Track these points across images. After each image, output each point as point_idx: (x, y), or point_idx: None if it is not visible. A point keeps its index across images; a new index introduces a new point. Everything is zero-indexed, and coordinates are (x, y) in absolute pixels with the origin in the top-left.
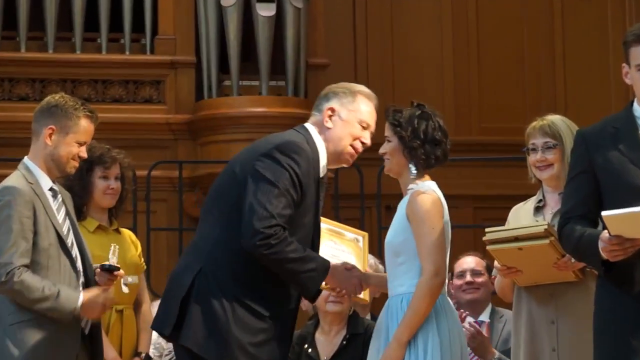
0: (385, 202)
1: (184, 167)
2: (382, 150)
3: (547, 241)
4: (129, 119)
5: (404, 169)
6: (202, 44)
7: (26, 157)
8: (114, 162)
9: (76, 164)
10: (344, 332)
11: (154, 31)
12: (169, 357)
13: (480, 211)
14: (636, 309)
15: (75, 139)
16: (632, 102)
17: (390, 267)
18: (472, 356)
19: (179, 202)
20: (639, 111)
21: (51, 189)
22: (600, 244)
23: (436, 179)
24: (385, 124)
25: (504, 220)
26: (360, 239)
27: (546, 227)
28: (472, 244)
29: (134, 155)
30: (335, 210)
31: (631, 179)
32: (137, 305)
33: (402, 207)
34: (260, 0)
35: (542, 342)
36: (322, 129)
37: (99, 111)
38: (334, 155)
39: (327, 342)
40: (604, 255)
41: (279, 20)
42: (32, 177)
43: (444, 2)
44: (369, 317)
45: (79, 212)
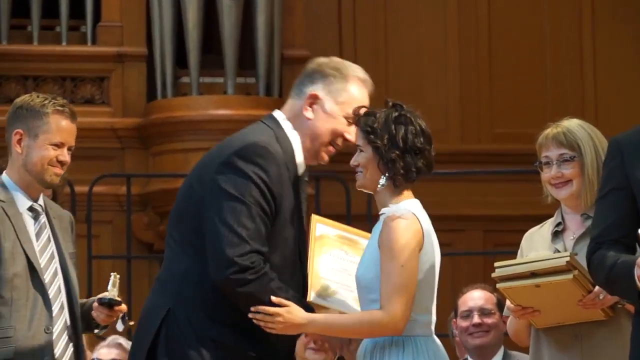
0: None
1: (133, 182)
2: (353, 161)
3: (570, 276)
4: None
5: (376, 184)
6: (155, 33)
7: (4, 172)
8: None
9: (57, 170)
10: None
11: (97, 17)
12: None
13: (491, 235)
14: None
15: (47, 140)
16: None
17: (363, 305)
18: None
19: (127, 224)
20: None
21: (31, 209)
22: (636, 271)
23: (436, 196)
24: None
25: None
26: None
27: (568, 258)
28: (482, 274)
29: (71, 167)
30: None
31: None
32: None
33: (374, 234)
34: None
35: None
36: (299, 118)
37: None
38: (309, 152)
39: None
40: None
41: (248, 4)
42: (6, 194)
43: None
44: None
45: None
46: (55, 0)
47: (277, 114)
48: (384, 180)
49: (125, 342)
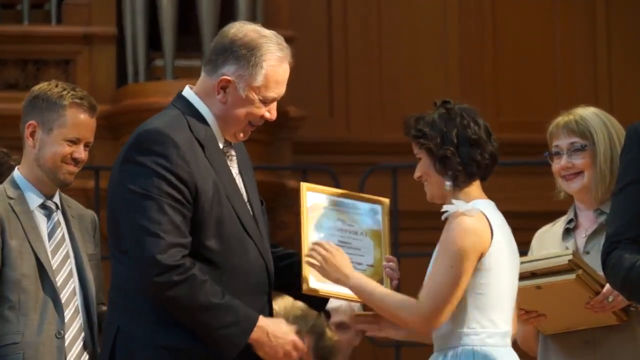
0: None
1: (101, 175)
2: (416, 174)
3: (572, 276)
4: None
5: (443, 189)
6: (126, 11)
7: (17, 168)
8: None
9: (71, 168)
10: None
11: None
12: None
13: None
14: None
15: (62, 135)
16: None
17: None
18: None
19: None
20: None
21: (44, 206)
22: None
23: None
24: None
25: (529, 245)
26: (378, 209)
27: (571, 257)
28: None
29: None
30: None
31: None
32: None
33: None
34: None
35: None
36: (211, 97)
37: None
38: (226, 134)
39: None
40: None
41: None
42: (15, 191)
43: None
44: None
45: None
46: None
47: (187, 92)
48: (448, 182)
49: None
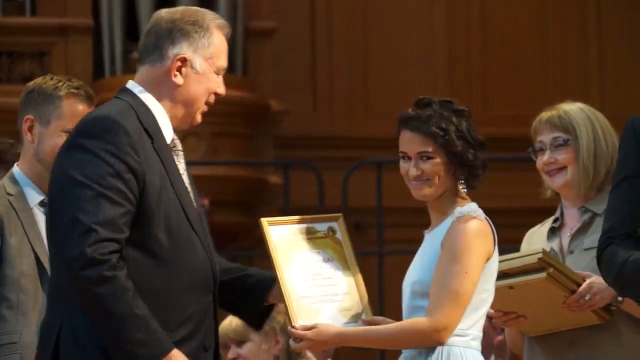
0: (353, 218)
1: None
2: (415, 172)
3: (543, 275)
4: (2, 104)
5: (447, 190)
6: (102, 2)
7: (16, 164)
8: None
9: None
10: None
11: None
12: None
13: None
14: None
15: (60, 126)
16: None
17: (411, 311)
18: None
19: None
20: None
21: (43, 203)
22: None
23: None
24: (406, 132)
25: (515, 243)
26: (335, 227)
27: (540, 255)
28: None
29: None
30: None
31: None
32: None
33: (436, 239)
34: None
35: None
36: (164, 85)
37: (4, 94)
38: (184, 119)
39: None
40: None
41: None
42: (15, 187)
43: None
44: None
45: None
46: None
47: (132, 85)
48: (464, 187)
49: None
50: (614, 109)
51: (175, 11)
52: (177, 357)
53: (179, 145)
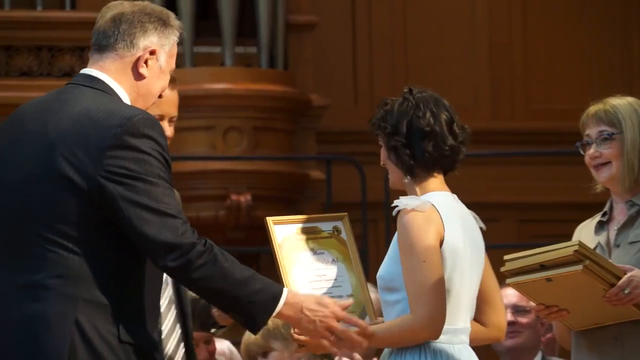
0: None
1: None
2: (381, 161)
3: (579, 267)
4: None
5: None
6: None
7: None
8: None
9: None
10: None
11: None
12: None
13: (527, 225)
14: None
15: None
16: None
17: (383, 307)
18: None
19: None
20: None
21: None
22: None
23: (463, 181)
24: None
25: (562, 238)
26: (340, 226)
27: (577, 247)
28: None
29: None
30: None
31: None
32: None
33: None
34: None
35: None
36: (130, 76)
37: (44, 88)
38: None
39: None
40: None
41: None
42: None
43: None
44: None
45: None
46: None
47: (100, 75)
48: (407, 177)
49: None
50: None
51: (139, 4)
52: (291, 293)
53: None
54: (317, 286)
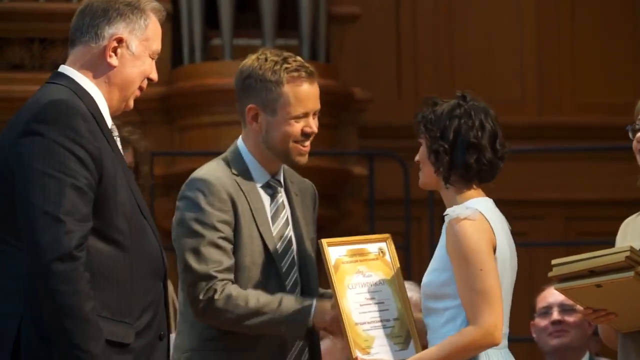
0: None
1: (155, 161)
2: (416, 157)
3: (631, 274)
4: None
5: (438, 181)
6: None
7: (240, 138)
8: (123, 146)
9: (303, 149)
10: None
11: None
12: None
13: (575, 223)
14: None
15: (288, 114)
16: None
17: (427, 316)
18: None
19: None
20: None
21: (268, 185)
22: None
23: (509, 178)
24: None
25: (609, 235)
26: (385, 248)
27: (628, 253)
28: None
29: None
30: (369, 221)
31: None
32: None
33: (443, 235)
34: None
35: None
36: (99, 66)
37: (36, 81)
38: (119, 103)
39: None
40: None
41: None
42: (240, 166)
43: None
44: None
45: None
46: None
47: (65, 69)
48: (444, 182)
49: None
50: None
51: None
52: None
53: (116, 131)
54: (367, 309)
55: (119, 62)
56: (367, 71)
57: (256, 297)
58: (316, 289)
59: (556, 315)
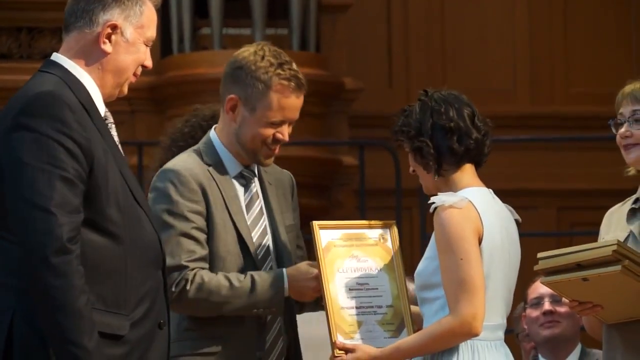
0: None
1: (145, 151)
2: (410, 168)
3: (618, 267)
4: None
5: (435, 182)
6: None
7: (214, 129)
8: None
9: (271, 152)
10: None
11: None
12: None
13: (567, 213)
14: None
15: (266, 117)
16: None
17: (422, 305)
18: None
19: None
20: None
21: (241, 175)
22: None
23: (501, 167)
24: None
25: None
26: (387, 234)
27: (615, 247)
28: None
29: None
30: (360, 211)
31: None
32: None
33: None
34: None
35: None
36: (92, 53)
37: (24, 71)
38: (112, 89)
39: None
40: None
41: None
42: (212, 156)
43: None
44: None
45: None
46: None
47: (57, 57)
48: (435, 175)
49: None
50: None
51: None
52: None
53: (111, 118)
54: (357, 294)
55: (113, 49)
56: (357, 61)
57: (227, 280)
58: None
59: (547, 305)
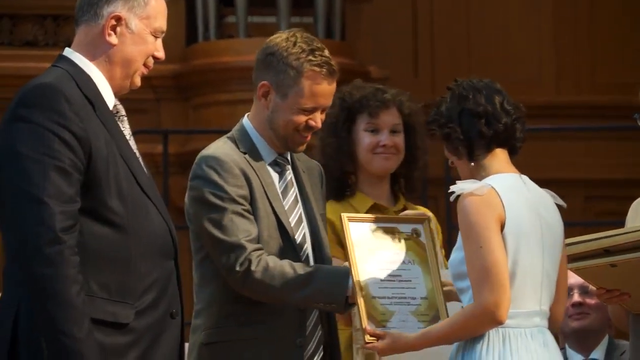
0: None
1: (170, 139)
2: (449, 160)
3: None
4: None
5: (470, 169)
6: None
7: (247, 115)
8: (385, 106)
9: (303, 140)
10: None
11: None
12: None
13: (594, 202)
14: None
15: (298, 104)
16: None
17: (460, 295)
18: None
19: (164, 188)
20: None
21: (276, 162)
22: None
23: (526, 157)
24: None
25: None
26: (420, 229)
27: None
28: None
29: None
30: None
31: None
32: None
33: None
34: None
35: None
36: (99, 46)
37: (49, 58)
38: (123, 81)
39: None
40: None
41: None
42: (249, 144)
43: None
44: None
45: (342, 185)
46: None
47: (68, 52)
48: (470, 162)
49: None
50: None
51: None
52: None
53: (122, 110)
54: (389, 285)
55: (119, 41)
56: (383, 49)
57: (291, 267)
58: (329, 264)
59: (577, 297)
